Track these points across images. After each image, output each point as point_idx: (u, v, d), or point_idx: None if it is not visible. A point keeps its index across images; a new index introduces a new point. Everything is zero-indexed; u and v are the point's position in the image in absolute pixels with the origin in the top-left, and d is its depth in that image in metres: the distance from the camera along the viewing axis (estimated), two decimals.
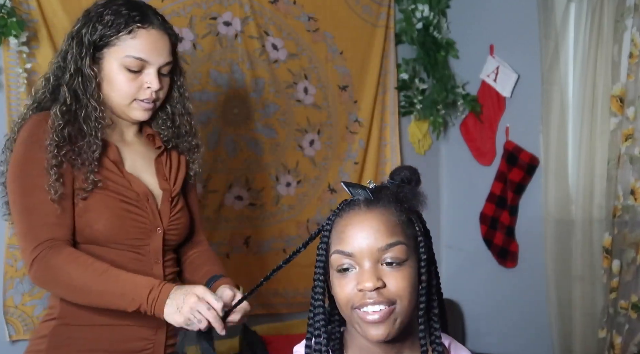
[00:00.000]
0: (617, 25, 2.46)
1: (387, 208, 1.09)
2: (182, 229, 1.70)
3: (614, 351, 2.51)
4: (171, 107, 1.68)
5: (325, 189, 2.93)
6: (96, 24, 1.54)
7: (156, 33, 1.56)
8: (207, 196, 2.60)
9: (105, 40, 1.54)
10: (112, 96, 1.57)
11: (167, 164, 1.70)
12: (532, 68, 2.82)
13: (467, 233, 3.19)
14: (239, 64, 2.64)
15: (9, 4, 2.09)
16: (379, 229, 1.07)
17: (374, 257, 1.06)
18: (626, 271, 2.49)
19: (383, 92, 3.08)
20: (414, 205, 1.12)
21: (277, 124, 2.77)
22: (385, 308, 1.05)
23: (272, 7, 2.72)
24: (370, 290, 1.04)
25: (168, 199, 1.66)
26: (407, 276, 1.06)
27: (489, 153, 3.10)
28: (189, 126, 1.71)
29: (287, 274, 2.76)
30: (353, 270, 1.07)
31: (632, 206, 2.47)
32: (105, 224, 1.54)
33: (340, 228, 1.10)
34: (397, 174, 1.14)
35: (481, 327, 3.20)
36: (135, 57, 1.54)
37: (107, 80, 1.56)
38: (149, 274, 1.58)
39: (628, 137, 2.46)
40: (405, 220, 1.10)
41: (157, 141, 1.69)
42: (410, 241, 1.09)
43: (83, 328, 1.56)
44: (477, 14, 3.11)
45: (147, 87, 1.57)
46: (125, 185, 1.58)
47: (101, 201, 1.54)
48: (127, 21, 1.53)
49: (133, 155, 1.65)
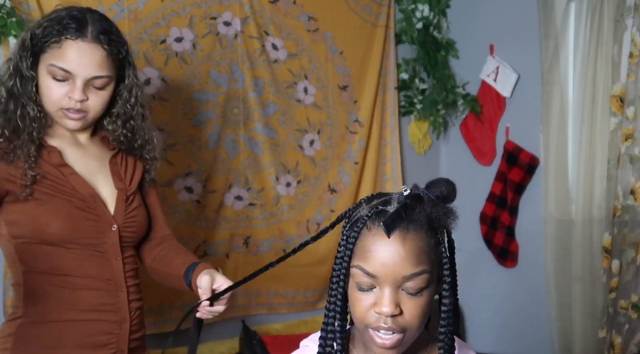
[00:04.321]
0: (617, 25, 2.46)
1: (417, 232, 1.04)
2: (138, 226, 1.72)
3: (613, 350, 2.51)
4: (124, 124, 1.70)
5: (325, 189, 2.93)
6: (37, 28, 1.57)
7: (84, 46, 1.56)
8: (207, 196, 2.60)
9: (40, 46, 1.56)
10: (43, 101, 1.60)
11: (123, 164, 1.73)
12: (532, 68, 2.82)
13: (467, 233, 3.19)
14: (239, 64, 2.64)
15: (9, 4, 2.09)
16: (406, 257, 1.03)
17: (397, 283, 1.03)
18: (626, 271, 2.49)
19: (383, 92, 3.08)
20: (446, 225, 1.07)
21: (277, 124, 2.77)
22: (397, 335, 1.05)
23: (272, 7, 2.72)
24: (387, 316, 1.03)
25: (123, 198, 1.68)
26: (423, 304, 1.05)
27: (489, 153, 3.10)
28: (142, 141, 1.74)
29: (288, 274, 2.76)
30: (374, 288, 1.05)
31: (632, 206, 2.47)
32: (58, 227, 1.56)
33: (366, 244, 1.05)
34: (435, 188, 1.07)
35: (481, 327, 3.20)
36: (59, 67, 1.55)
37: (40, 85, 1.59)
38: (109, 270, 1.63)
39: (628, 137, 2.46)
40: (434, 244, 1.06)
41: (111, 142, 1.72)
42: (434, 267, 1.06)
43: (48, 324, 1.59)
44: (477, 14, 3.11)
45: (69, 97, 1.58)
46: (70, 188, 1.60)
47: (51, 205, 1.57)
48: (59, 30, 1.55)
49: (85, 157, 1.67)
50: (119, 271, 1.65)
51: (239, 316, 2.70)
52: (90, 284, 1.61)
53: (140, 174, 1.76)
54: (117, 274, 1.65)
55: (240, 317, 2.70)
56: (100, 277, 1.62)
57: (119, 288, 1.65)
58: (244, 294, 2.71)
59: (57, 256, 1.58)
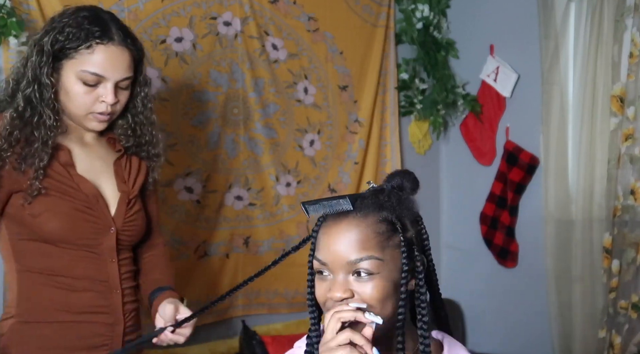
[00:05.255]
0: (617, 25, 2.46)
1: (364, 219, 1.09)
2: (137, 230, 1.72)
3: (613, 351, 2.51)
4: (132, 118, 1.70)
5: (325, 189, 2.93)
6: (57, 34, 1.55)
7: (115, 49, 1.57)
8: (207, 196, 2.60)
9: (65, 52, 1.55)
10: (69, 106, 1.59)
11: (127, 167, 1.73)
12: (532, 68, 2.82)
13: (467, 233, 3.19)
14: (239, 64, 2.64)
15: (9, 4, 2.09)
16: (351, 242, 1.08)
17: (345, 268, 1.08)
18: (626, 271, 2.49)
19: (383, 92, 3.08)
20: (401, 213, 1.12)
21: (277, 124, 2.77)
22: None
23: (272, 7, 2.72)
24: (337, 300, 1.08)
25: (125, 201, 1.69)
26: (376, 286, 1.07)
27: (489, 153, 3.10)
28: (150, 136, 1.74)
29: (287, 274, 2.76)
30: (329, 276, 1.11)
31: (632, 206, 2.47)
32: (57, 225, 1.56)
33: (321, 235, 1.12)
34: (389, 180, 1.15)
35: (481, 327, 3.20)
36: (92, 73, 1.55)
37: (64, 91, 1.58)
38: (104, 272, 1.63)
39: (628, 137, 2.46)
40: (386, 231, 1.10)
41: (117, 144, 1.72)
42: (388, 253, 1.09)
43: (41, 325, 1.58)
44: (477, 14, 3.11)
45: (102, 101, 1.58)
46: (74, 187, 1.60)
47: (52, 203, 1.57)
48: (87, 36, 1.54)
49: (90, 157, 1.67)
50: (114, 272, 1.65)
51: (239, 316, 2.70)
52: (84, 286, 1.61)
53: (144, 176, 1.76)
54: (112, 276, 1.64)
55: (240, 317, 2.70)
56: (95, 278, 1.62)
57: (113, 289, 1.64)
58: (244, 294, 2.71)
59: (53, 255, 1.58)
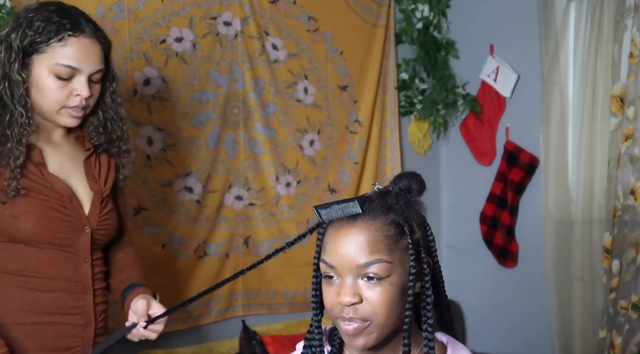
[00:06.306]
0: (617, 25, 2.46)
1: (373, 222, 1.08)
2: (111, 229, 1.71)
3: (613, 351, 2.51)
4: (103, 113, 1.68)
5: (325, 189, 2.92)
6: (26, 29, 1.52)
7: (87, 41, 1.55)
8: (207, 196, 2.60)
9: (35, 47, 1.53)
10: (41, 102, 1.57)
11: (97, 165, 1.71)
12: (532, 68, 2.82)
13: (467, 233, 3.19)
14: (239, 64, 2.64)
15: (9, 4, 2.09)
16: (360, 246, 1.07)
17: (354, 272, 1.07)
18: (626, 271, 2.49)
19: (383, 92, 3.08)
20: (409, 216, 1.10)
21: (277, 124, 2.77)
22: (360, 324, 1.07)
23: (272, 7, 2.72)
24: (346, 305, 1.06)
25: (99, 200, 1.67)
26: (385, 292, 1.06)
27: (489, 153, 3.10)
28: (120, 132, 1.72)
29: (287, 275, 2.76)
30: (337, 280, 1.09)
31: (632, 206, 2.47)
32: (32, 225, 1.55)
33: (328, 237, 1.10)
34: (397, 182, 1.13)
35: (481, 327, 3.20)
36: (66, 65, 1.53)
37: (36, 87, 1.55)
38: (77, 272, 1.62)
39: (628, 137, 2.46)
40: (395, 234, 1.08)
41: (86, 142, 1.70)
42: (396, 256, 1.08)
43: (12, 326, 1.56)
44: (477, 14, 3.11)
45: (76, 95, 1.57)
46: (48, 186, 1.58)
47: (26, 203, 1.55)
48: (58, 29, 1.52)
49: (60, 156, 1.65)
50: (87, 273, 1.64)
51: (239, 316, 2.70)
52: (56, 286, 1.59)
53: (115, 173, 1.75)
54: (85, 277, 1.63)
55: (240, 317, 2.70)
56: (69, 279, 1.61)
57: (85, 290, 1.63)
58: (244, 294, 2.72)
59: (26, 256, 1.56)
